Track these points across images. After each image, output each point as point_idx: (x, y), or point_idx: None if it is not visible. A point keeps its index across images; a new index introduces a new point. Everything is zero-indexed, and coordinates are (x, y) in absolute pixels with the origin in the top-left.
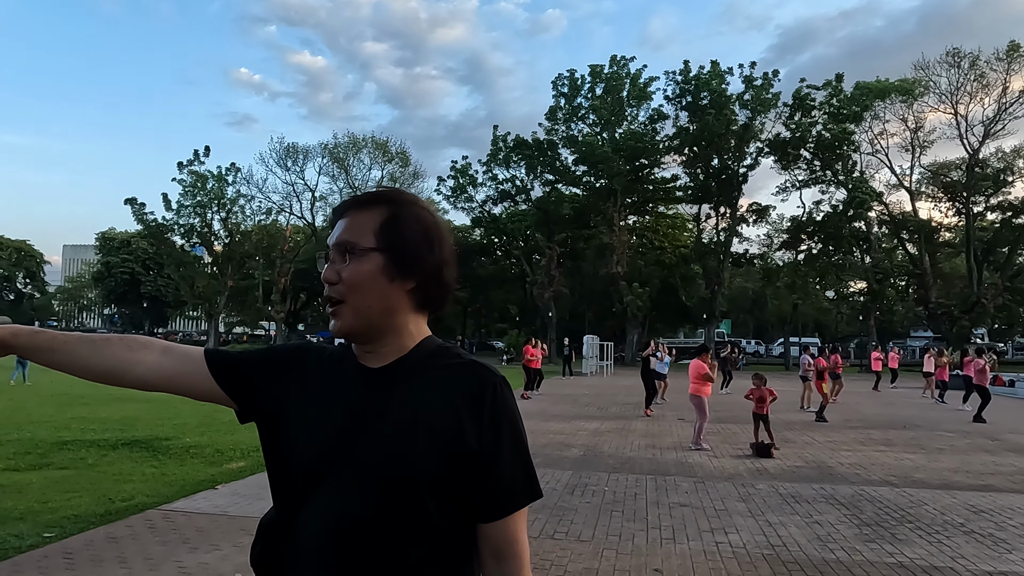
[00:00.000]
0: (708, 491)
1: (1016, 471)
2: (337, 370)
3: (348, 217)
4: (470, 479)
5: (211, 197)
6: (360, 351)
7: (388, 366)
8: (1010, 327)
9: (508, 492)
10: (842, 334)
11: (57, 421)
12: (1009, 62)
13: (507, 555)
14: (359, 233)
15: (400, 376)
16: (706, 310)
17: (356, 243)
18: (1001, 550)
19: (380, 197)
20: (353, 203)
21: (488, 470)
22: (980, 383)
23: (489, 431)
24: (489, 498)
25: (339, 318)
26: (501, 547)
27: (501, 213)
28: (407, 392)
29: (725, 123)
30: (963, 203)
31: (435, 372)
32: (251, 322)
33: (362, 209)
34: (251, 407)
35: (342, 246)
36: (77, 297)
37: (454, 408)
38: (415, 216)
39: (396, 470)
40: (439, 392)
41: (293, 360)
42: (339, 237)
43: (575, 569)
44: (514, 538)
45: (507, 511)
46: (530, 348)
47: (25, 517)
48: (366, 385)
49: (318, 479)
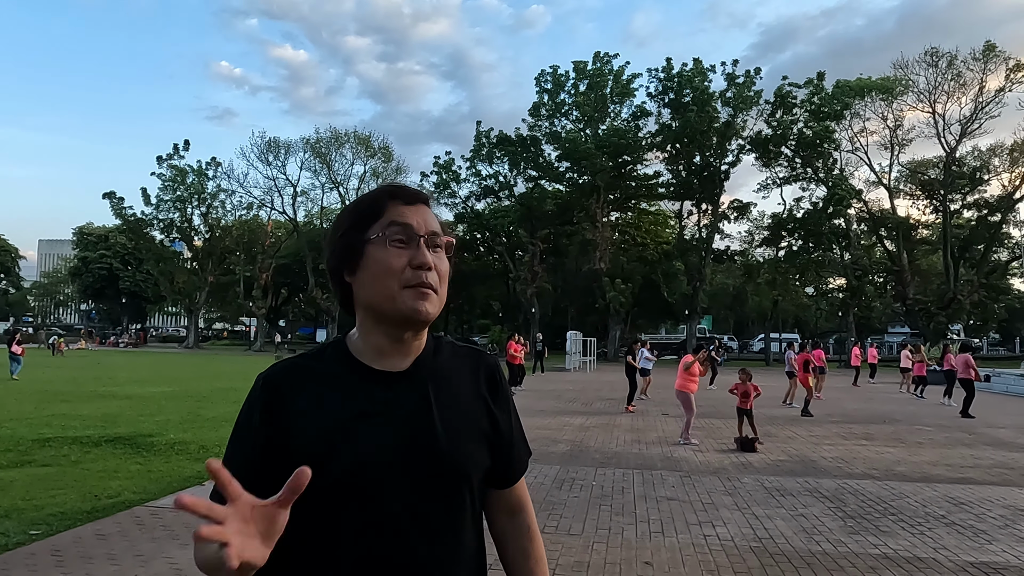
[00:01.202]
0: (695, 485)
1: (994, 464)
2: (349, 380)
3: (422, 206)
4: (498, 455)
5: (191, 192)
6: (385, 348)
7: (411, 368)
8: (985, 323)
9: (521, 461)
10: (821, 330)
11: (37, 418)
12: (985, 62)
13: (519, 509)
14: (441, 229)
15: (426, 374)
16: (688, 306)
17: (445, 239)
18: (982, 541)
19: (429, 200)
20: (419, 195)
21: (509, 444)
22: (966, 377)
23: (505, 410)
24: (510, 469)
25: (433, 304)
26: (515, 504)
27: (484, 209)
28: (441, 390)
29: (707, 120)
30: (940, 201)
31: (451, 364)
32: (232, 318)
33: (427, 204)
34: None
35: (436, 237)
36: (53, 293)
37: (482, 396)
38: (449, 227)
39: (456, 469)
40: (466, 383)
41: (275, 397)
42: (433, 227)
43: (566, 563)
44: (524, 494)
45: (520, 475)
46: (514, 344)
47: (10, 514)
48: (397, 391)
49: (377, 496)
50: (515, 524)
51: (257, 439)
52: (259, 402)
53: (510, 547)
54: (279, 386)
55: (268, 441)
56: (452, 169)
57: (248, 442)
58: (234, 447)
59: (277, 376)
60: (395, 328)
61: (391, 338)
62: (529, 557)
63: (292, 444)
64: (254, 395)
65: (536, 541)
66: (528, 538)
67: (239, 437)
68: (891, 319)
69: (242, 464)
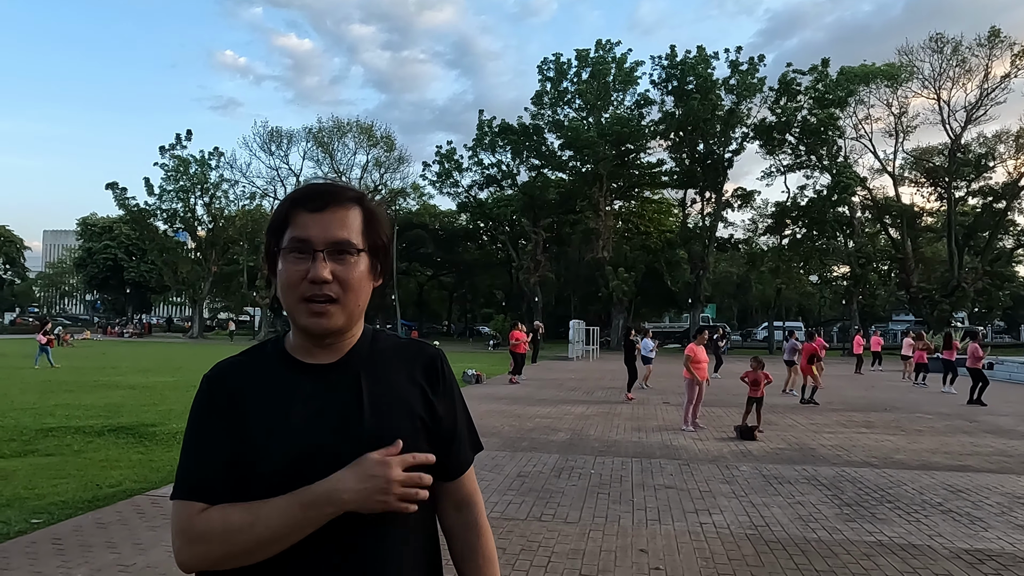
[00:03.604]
0: (692, 473)
1: (993, 451)
2: (284, 375)
3: (331, 212)
4: (438, 445)
5: (194, 182)
6: (311, 348)
7: (344, 358)
8: (989, 311)
9: (465, 453)
10: (825, 318)
11: (40, 408)
12: (991, 48)
13: (468, 504)
14: (351, 232)
15: (359, 364)
16: (691, 295)
17: (354, 243)
18: (977, 528)
19: (352, 195)
20: (332, 197)
21: (451, 435)
22: (974, 367)
23: (447, 399)
24: (453, 459)
25: (330, 317)
26: (462, 499)
27: (487, 198)
28: (373, 378)
29: (711, 108)
30: (945, 188)
31: (387, 354)
32: (235, 308)
33: (342, 205)
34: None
35: (340, 244)
36: (58, 283)
37: (418, 384)
38: (385, 218)
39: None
40: (400, 372)
41: (221, 395)
42: (337, 235)
43: (562, 550)
44: (473, 488)
45: (465, 468)
46: (517, 332)
47: (12, 503)
48: (330, 380)
49: (314, 481)
50: (463, 519)
51: (218, 436)
52: (210, 401)
53: (458, 542)
54: (223, 383)
55: (227, 434)
56: (455, 158)
57: (209, 442)
58: (200, 446)
59: (220, 375)
60: (304, 337)
61: (312, 343)
62: (476, 553)
63: (239, 436)
64: (202, 395)
65: (484, 537)
66: (476, 534)
67: (201, 437)
68: (895, 307)
69: (214, 462)
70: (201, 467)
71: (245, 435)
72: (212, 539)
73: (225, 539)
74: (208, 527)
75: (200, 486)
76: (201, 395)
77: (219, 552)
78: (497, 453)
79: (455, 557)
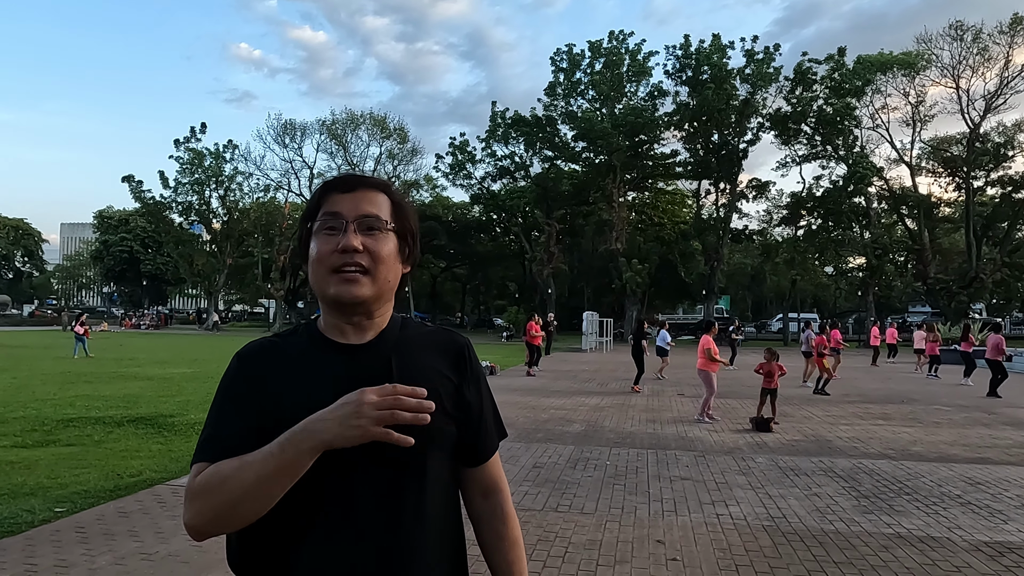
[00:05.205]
0: (708, 465)
1: (1012, 444)
2: (315, 354)
3: (361, 192)
4: (466, 430)
5: (208, 174)
6: (343, 326)
7: (375, 340)
8: (1008, 302)
9: (491, 439)
10: (840, 309)
11: (61, 399)
12: (1012, 35)
13: (495, 490)
14: (380, 210)
15: (390, 347)
16: (705, 286)
17: (383, 219)
18: (997, 521)
19: (381, 183)
20: (361, 181)
21: (478, 421)
22: (994, 359)
23: (474, 385)
24: (479, 445)
25: (360, 285)
26: (489, 485)
27: (500, 190)
28: (403, 360)
29: (725, 98)
30: (963, 178)
31: (417, 340)
32: (250, 300)
33: (370, 189)
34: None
35: (370, 219)
36: (76, 276)
37: (447, 368)
38: (412, 209)
39: (418, 435)
40: (429, 357)
41: (252, 371)
42: (366, 210)
43: (579, 541)
44: (499, 475)
45: (491, 454)
46: (533, 324)
47: (35, 492)
48: (360, 361)
49: (342, 465)
50: (489, 505)
51: (245, 404)
52: (239, 374)
53: (485, 528)
54: (254, 359)
55: (255, 405)
56: (468, 150)
57: (234, 409)
58: (222, 414)
59: (251, 352)
60: (334, 313)
61: (342, 320)
62: (504, 539)
63: (267, 410)
64: (232, 370)
65: (511, 523)
66: (502, 520)
67: (225, 406)
68: (912, 298)
69: (234, 426)
70: (219, 432)
71: (274, 408)
72: (208, 491)
73: (219, 488)
74: (205, 480)
75: (214, 448)
76: (231, 370)
77: (214, 503)
78: (513, 444)
79: (482, 544)
